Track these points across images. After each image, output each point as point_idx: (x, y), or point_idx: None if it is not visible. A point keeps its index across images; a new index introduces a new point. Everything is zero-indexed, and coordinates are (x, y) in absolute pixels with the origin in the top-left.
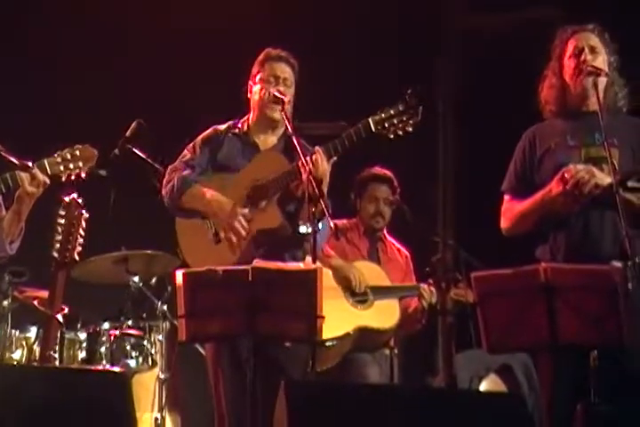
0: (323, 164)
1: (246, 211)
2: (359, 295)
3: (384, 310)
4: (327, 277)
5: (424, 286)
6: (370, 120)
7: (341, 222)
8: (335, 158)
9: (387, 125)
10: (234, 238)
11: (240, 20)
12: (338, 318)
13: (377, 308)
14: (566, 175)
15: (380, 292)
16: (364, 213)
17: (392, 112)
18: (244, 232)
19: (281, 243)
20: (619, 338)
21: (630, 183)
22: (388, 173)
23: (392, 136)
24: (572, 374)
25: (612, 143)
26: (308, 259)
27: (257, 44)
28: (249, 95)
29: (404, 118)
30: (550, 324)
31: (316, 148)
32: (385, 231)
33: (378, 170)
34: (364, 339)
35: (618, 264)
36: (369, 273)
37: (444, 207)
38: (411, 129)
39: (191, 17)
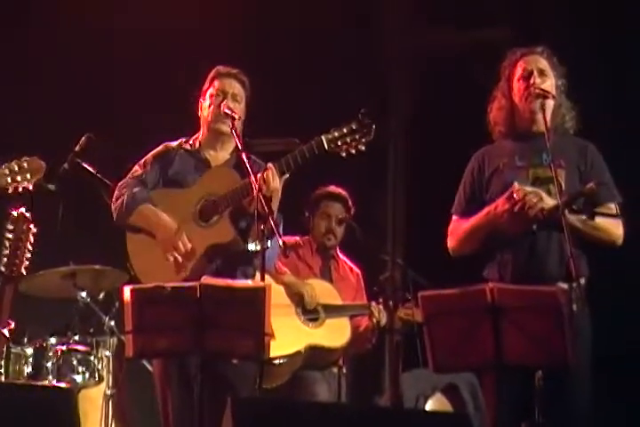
0: (275, 181)
1: (185, 238)
2: (310, 313)
3: (335, 328)
4: (279, 295)
5: (375, 304)
6: (323, 138)
7: (294, 239)
8: (287, 175)
9: (339, 144)
10: (179, 258)
11: (197, 35)
12: (289, 336)
13: (328, 326)
14: (515, 196)
15: (332, 310)
16: (317, 230)
17: (345, 131)
18: (183, 249)
19: (233, 259)
20: (563, 359)
21: (576, 206)
22: (343, 192)
23: (344, 154)
24: (517, 394)
25: (559, 164)
26: (258, 276)
27: (212, 61)
28: (199, 113)
29: (357, 137)
30: (496, 344)
31: (269, 164)
32: (337, 250)
33: (333, 188)
34: (315, 357)
35: (563, 286)
36: (321, 291)
37: (394, 226)
38: (363, 148)
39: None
